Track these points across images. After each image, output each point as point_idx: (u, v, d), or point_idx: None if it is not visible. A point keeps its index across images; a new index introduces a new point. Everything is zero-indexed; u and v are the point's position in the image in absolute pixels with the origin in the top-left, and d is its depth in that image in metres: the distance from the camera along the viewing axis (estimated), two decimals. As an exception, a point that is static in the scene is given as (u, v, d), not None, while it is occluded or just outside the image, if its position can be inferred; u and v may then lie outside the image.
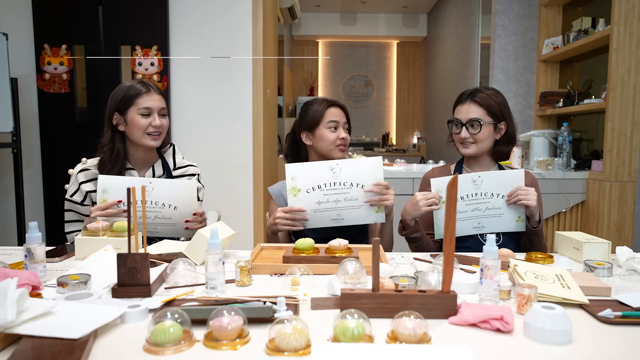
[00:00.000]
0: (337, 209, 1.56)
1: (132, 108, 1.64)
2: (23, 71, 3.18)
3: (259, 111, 3.33)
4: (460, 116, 1.65)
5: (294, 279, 1.10)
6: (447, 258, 0.92)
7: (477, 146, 1.64)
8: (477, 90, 1.66)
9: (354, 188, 1.55)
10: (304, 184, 1.54)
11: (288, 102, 6.65)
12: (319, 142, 1.69)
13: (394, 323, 0.81)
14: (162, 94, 1.72)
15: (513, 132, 1.68)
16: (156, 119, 1.65)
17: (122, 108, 1.65)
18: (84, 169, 1.70)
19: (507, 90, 4.11)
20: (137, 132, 1.64)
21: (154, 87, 1.69)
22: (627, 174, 2.89)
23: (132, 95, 1.64)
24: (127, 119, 1.65)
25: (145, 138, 1.65)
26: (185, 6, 3.25)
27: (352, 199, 1.56)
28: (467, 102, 1.65)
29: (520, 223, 1.57)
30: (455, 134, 1.67)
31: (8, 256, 1.41)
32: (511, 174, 1.57)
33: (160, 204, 1.54)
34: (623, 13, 2.82)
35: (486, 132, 1.62)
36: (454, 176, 0.92)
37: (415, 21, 7.70)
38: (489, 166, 1.72)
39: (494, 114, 1.62)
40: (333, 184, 1.54)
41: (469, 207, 1.56)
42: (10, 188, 3.09)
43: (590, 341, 0.84)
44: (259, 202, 3.36)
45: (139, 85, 1.66)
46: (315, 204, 1.55)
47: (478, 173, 1.57)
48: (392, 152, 7.39)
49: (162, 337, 0.77)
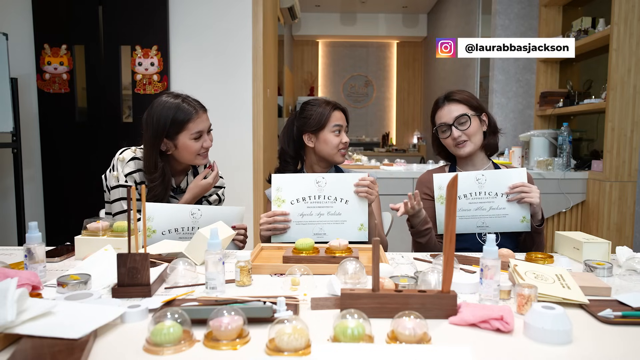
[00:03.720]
0: (319, 222, 1.55)
1: (183, 133, 1.57)
2: (23, 71, 3.18)
3: (259, 111, 3.33)
4: (445, 119, 1.66)
5: (294, 279, 1.10)
6: (447, 258, 0.92)
7: (472, 142, 1.65)
8: (450, 92, 1.69)
9: (338, 202, 1.55)
10: (289, 195, 1.54)
11: (288, 102, 6.64)
12: (322, 145, 1.68)
13: (394, 323, 0.81)
14: (206, 110, 1.65)
15: (494, 122, 1.72)
16: (207, 139, 1.63)
17: (171, 133, 1.57)
18: (135, 158, 1.64)
19: (507, 90, 4.11)
20: (188, 155, 1.61)
21: (199, 106, 1.62)
22: (627, 174, 2.89)
23: (182, 120, 1.56)
24: (178, 144, 1.59)
25: (197, 159, 1.63)
26: (185, 6, 3.25)
27: (335, 213, 1.55)
28: (446, 104, 1.67)
29: (525, 223, 1.57)
30: (446, 138, 1.67)
31: (8, 256, 1.41)
32: (514, 173, 1.58)
33: None
34: (623, 13, 2.82)
35: (475, 125, 1.64)
36: (454, 175, 0.92)
37: (415, 21, 7.70)
38: (482, 164, 1.72)
39: (474, 106, 1.65)
40: (317, 197, 1.54)
41: (472, 205, 1.57)
42: (10, 188, 3.09)
43: (590, 341, 0.84)
44: (258, 202, 3.36)
45: (187, 106, 1.58)
46: (298, 216, 1.54)
47: (481, 171, 1.57)
48: (392, 152, 7.40)
49: (162, 337, 0.77)
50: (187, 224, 1.49)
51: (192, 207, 1.50)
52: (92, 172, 2.68)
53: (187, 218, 1.49)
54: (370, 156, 4.85)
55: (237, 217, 1.58)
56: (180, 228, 1.48)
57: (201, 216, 1.50)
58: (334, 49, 8.13)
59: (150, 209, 1.45)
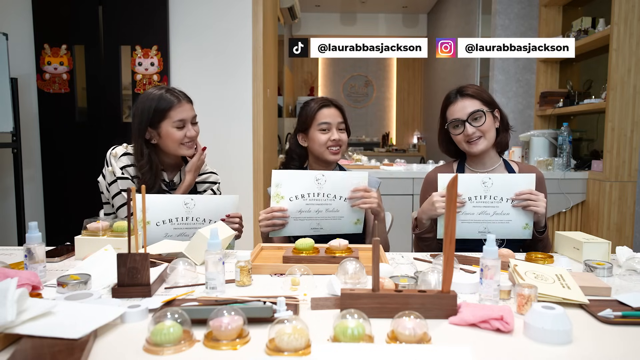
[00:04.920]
0: (317, 218, 1.56)
1: (165, 121, 1.61)
2: (23, 71, 3.18)
3: (259, 111, 3.33)
4: (458, 114, 1.60)
5: (294, 279, 1.10)
6: (447, 258, 0.92)
7: (486, 139, 1.60)
8: (462, 87, 1.64)
9: (337, 200, 1.55)
10: (288, 191, 1.53)
11: (288, 102, 6.64)
12: (312, 144, 1.70)
13: (394, 323, 0.81)
14: (190, 100, 1.69)
15: (507, 118, 1.68)
16: (190, 129, 1.64)
17: (154, 122, 1.61)
18: (127, 153, 1.67)
19: (507, 90, 4.11)
20: (172, 144, 1.63)
21: (182, 95, 1.66)
22: (627, 174, 2.89)
23: (164, 108, 1.60)
24: (161, 132, 1.62)
25: (181, 148, 1.65)
26: (185, 6, 3.25)
27: (334, 210, 1.55)
28: (459, 99, 1.62)
29: (527, 230, 1.52)
30: (458, 135, 1.62)
31: (8, 256, 1.41)
32: (522, 178, 1.51)
33: (201, 220, 1.52)
34: (623, 13, 2.82)
35: (489, 121, 1.59)
36: (454, 176, 0.92)
37: (415, 21, 7.70)
38: (493, 162, 1.68)
39: (488, 102, 1.61)
40: (316, 195, 1.54)
41: (476, 209, 1.50)
42: (10, 188, 3.09)
43: (590, 341, 0.84)
44: (258, 202, 3.36)
45: (169, 96, 1.62)
46: (296, 212, 1.54)
47: (489, 175, 1.51)
48: (392, 152, 7.39)
49: (162, 337, 0.77)
50: (181, 214, 1.50)
51: (186, 197, 1.52)
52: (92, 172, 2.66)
53: (181, 208, 1.50)
54: (370, 156, 4.85)
55: (231, 206, 1.58)
56: (175, 219, 1.50)
57: (195, 206, 1.51)
58: (334, 49, 8.12)
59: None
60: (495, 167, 1.68)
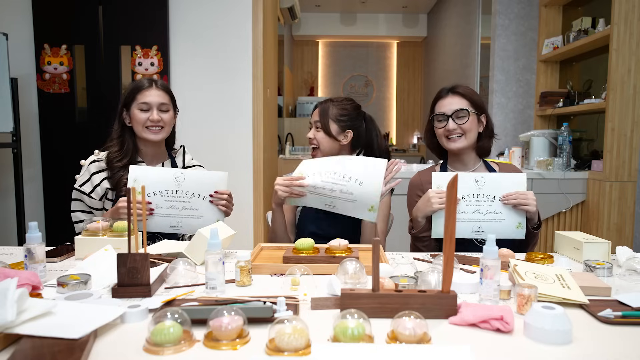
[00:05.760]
0: (331, 197, 1.57)
1: (134, 103, 1.70)
2: (23, 71, 3.18)
3: (259, 111, 3.32)
4: (444, 109, 1.65)
5: (294, 279, 1.10)
6: (447, 258, 0.92)
7: (466, 139, 1.64)
8: (456, 85, 1.69)
9: (351, 182, 1.55)
10: (309, 171, 1.57)
11: (288, 102, 6.65)
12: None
13: (394, 323, 0.81)
14: (166, 89, 1.75)
15: (492, 126, 1.71)
16: (154, 113, 1.68)
17: (127, 103, 1.71)
18: (96, 160, 1.74)
19: (507, 90, 4.11)
20: (137, 126, 1.70)
21: (158, 83, 1.73)
22: (627, 174, 2.89)
23: (133, 90, 1.71)
24: (131, 114, 1.71)
25: (145, 132, 1.70)
26: (185, 6, 3.25)
27: (347, 192, 1.56)
28: (449, 95, 1.67)
29: (520, 230, 1.53)
30: (440, 128, 1.67)
31: (8, 256, 1.41)
32: (514, 178, 1.54)
33: (190, 194, 1.56)
34: (623, 13, 2.82)
35: (472, 122, 1.64)
36: (454, 175, 0.92)
37: (415, 21, 7.70)
38: (474, 163, 1.72)
39: (477, 105, 1.65)
40: (334, 173, 1.56)
41: (469, 207, 1.53)
42: (10, 188, 3.09)
43: (590, 341, 0.84)
44: (258, 202, 3.36)
45: (144, 81, 1.72)
46: (312, 187, 1.56)
47: (481, 173, 1.54)
48: (392, 152, 7.36)
49: (162, 337, 0.77)
50: (171, 187, 1.55)
51: (176, 171, 1.56)
52: (92, 172, 2.67)
53: (171, 181, 1.54)
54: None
55: (220, 182, 1.60)
56: (165, 191, 1.54)
57: (184, 179, 1.55)
58: (334, 49, 8.12)
59: (135, 171, 1.54)
60: (476, 168, 1.72)
